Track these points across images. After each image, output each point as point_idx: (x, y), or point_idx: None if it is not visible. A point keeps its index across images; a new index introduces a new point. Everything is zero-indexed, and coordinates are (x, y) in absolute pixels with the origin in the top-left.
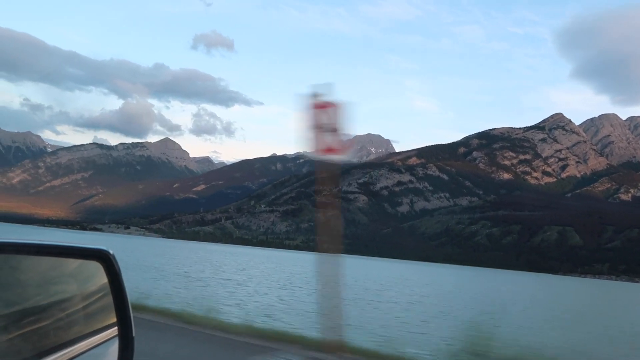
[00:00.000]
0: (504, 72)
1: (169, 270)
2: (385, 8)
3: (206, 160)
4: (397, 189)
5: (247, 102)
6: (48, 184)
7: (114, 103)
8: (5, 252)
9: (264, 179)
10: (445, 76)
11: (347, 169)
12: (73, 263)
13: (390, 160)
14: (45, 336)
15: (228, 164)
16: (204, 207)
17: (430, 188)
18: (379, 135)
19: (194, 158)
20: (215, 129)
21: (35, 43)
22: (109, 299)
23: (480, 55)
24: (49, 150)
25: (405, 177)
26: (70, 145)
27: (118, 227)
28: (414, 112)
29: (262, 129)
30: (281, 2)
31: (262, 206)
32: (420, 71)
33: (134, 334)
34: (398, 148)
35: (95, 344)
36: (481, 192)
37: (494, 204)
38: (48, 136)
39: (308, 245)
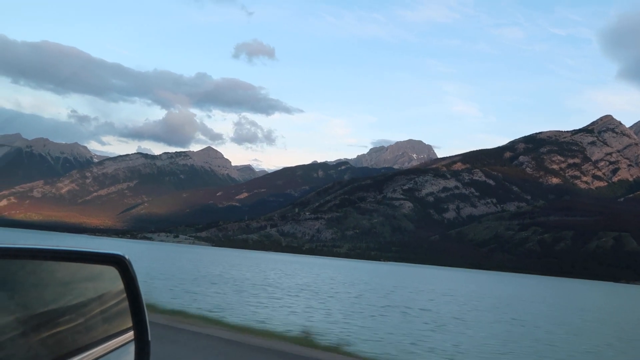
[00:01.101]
0: (546, 75)
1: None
2: (422, 12)
3: (247, 168)
4: (442, 195)
5: (287, 110)
6: (95, 194)
7: (157, 113)
8: (22, 258)
9: (305, 186)
10: (485, 80)
11: (390, 176)
12: (89, 268)
13: (434, 166)
14: (62, 341)
15: (269, 171)
16: (247, 215)
17: (477, 194)
18: (420, 141)
19: (236, 166)
20: (257, 137)
21: (82, 56)
22: (125, 304)
23: (521, 58)
24: (95, 160)
25: (451, 183)
26: (115, 156)
27: (167, 236)
28: (454, 117)
29: (302, 137)
30: (319, 9)
31: (307, 213)
32: (460, 75)
33: (149, 338)
34: (440, 153)
35: (112, 348)
36: (529, 198)
37: (544, 209)
38: (94, 147)
39: (356, 253)
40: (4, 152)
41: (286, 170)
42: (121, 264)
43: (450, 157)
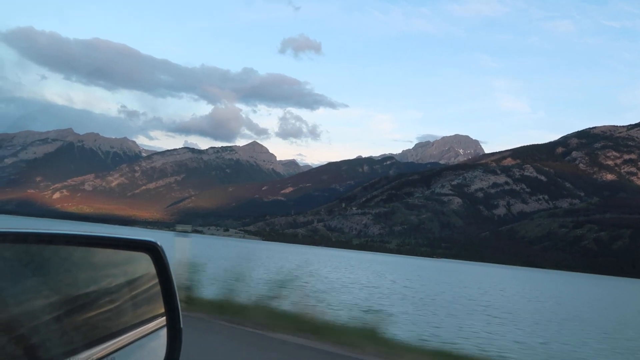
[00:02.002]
0: (599, 69)
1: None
2: (471, 6)
3: (292, 163)
4: (492, 190)
5: (332, 105)
6: (144, 187)
7: (203, 108)
8: (56, 243)
9: (351, 181)
10: (535, 74)
11: (438, 171)
12: (122, 255)
13: (483, 161)
14: (95, 326)
15: (313, 166)
16: (292, 209)
17: (528, 190)
18: (467, 136)
19: (280, 161)
20: (301, 132)
21: (131, 53)
22: (157, 290)
23: (573, 52)
24: (144, 155)
25: (501, 179)
26: (163, 150)
27: (217, 229)
28: (502, 112)
29: (346, 132)
30: (365, 4)
31: (354, 208)
32: (509, 70)
33: (181, 325)
34: (487, 149)
35: (144, 333)
36: (583, 194)
37: (599, 206)
38: (142, 141)
39: (406, 249)
40: (57, 146)
41: (331, 165)
42: (154, 251)
43: (499, 152)
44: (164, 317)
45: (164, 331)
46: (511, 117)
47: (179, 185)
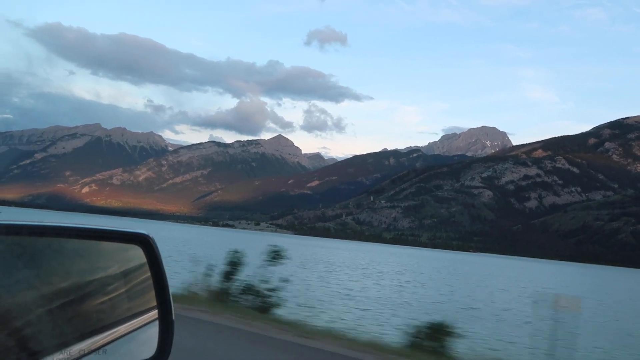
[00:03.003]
0: (631, 57)
1: None
2: None
3: (317, 156)
4: (523, 183)
5: (357, 97)
6: (171, 181)
7: (228, 102)
8: (47, 236)
9: (377, 174)
10: (564, 64)
11: (467, 163)
12: (114, 247)
13: (513, 153)
14: (87, 318)
15: (338, 159)
16: (319, 203)
17: (560, 182)
18: (494, 128)
19: (306, 154)
20: (326, 125)
21: (157, 47)
22: (149, 283)
23: (604, 40)
24: (170, 149)
25: (532, 171)
26: (189, 144)
27: (248, 224)
28: (530, 103)
29: (371, 124)
30: None
31: (382, 202)
32: (537, 60)
33: (173, 317)
34: (515, 140)
35: (136, 326)
36: (616, 186)
37: (635, 198)
38: (168, 136)
39: (438, 243)
40: (85, 141)
41: (357, 158)
42: (146, 243)
43: (530, 143)
44: (156, 310)
45: (156, 323)
46: (539, 107)
47: (205, 179)
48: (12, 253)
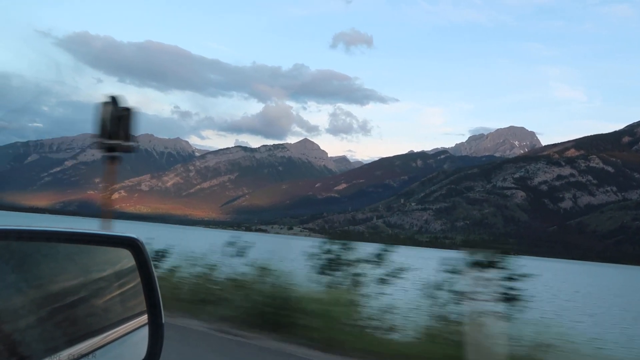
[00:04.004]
0: None
1: None
2: None
3: (343, 159)
4: (557, 183)
5: (382, 100)
6: (198, 187)
7: (254, 107)
8: (37, 240)
9: (404, 176)
10: (591, 62)
11: (498, 164)
12: (103, 251)
13: (545, 153)
14: (76, 323)
15: (364, 162)
16: (346, 206)
17: (595, 182)
18: (522, 128)
19: (332, 157)
20: (352, 127)
21: (183, 54)
22: (139, 287)
23: (631, 37)
24: (197, 154)
25: (566, 171)
26: (216, 149)
27: (281, 228)
28: (557, 102)
29: (396, 126)
30: None
31: (413, 204)
32: (563, 58)
33: (163, 321)
34: (544, 140)
35: (126, 331)
36: None
37: None
38: (194, 141)
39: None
40: None
41: (384, 161)
42: (135, 247)
43: (561, 143)
44: (146, 313)
45: (146, 327)
46: (566, 106)
47: (233, 183)
48: (0, 258)
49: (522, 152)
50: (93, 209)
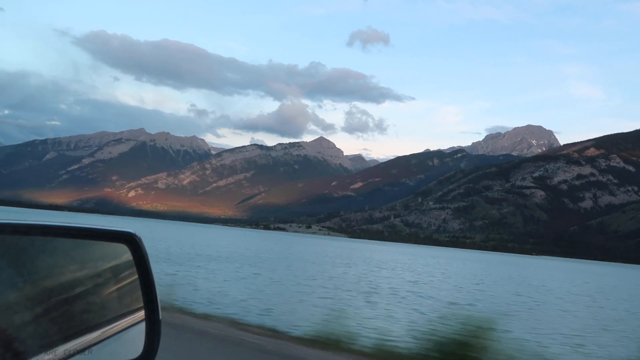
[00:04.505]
0: None
1: None
2: None
3: (359, 157)
4: (577, 182)
5: (398, 98)
6: (214, 184)
7: (269, 105)
8: (32, 234)
9: (421, 175)
10: (610, 59)
11: (517, 163)
12: (99, 246)
13: (564, 152)
14: (72, 319)
15: (380, 160)
16: (362, 205)
17: (616, 181)
18: (540, 127)
19: (347, 156)
20: (367, 126)
21: (199, 52)
22: (136, 282)
23: None
24: (213, 152)
25: (586, 170)
26: (232, 148)
27: (299, 227)
28: (575, 100)
29: (412, 124)
30: None
31: (430, 203)
32: (581, 56)
33: (160, 317)
34: (562, 139)
35: (123, 327)
36: None
37: None
38: (210, 139)
39: (501, 246)
40: (130, 146)
41: (400, 159)
42: (132, 242)
43: (580, 142)
44: (143, 309)
45: (143, 323)
46: (585, 105)
47: (249, 181)
48: None
49: (540, 151)
50: (110, 206)
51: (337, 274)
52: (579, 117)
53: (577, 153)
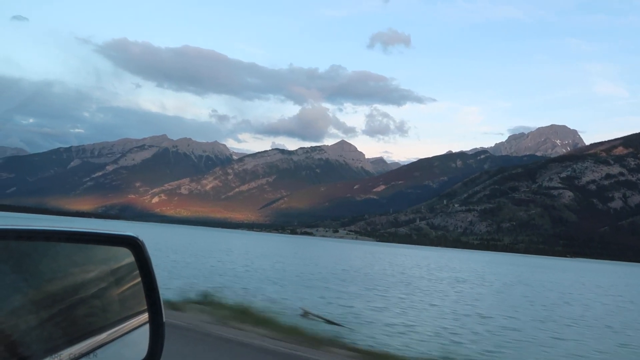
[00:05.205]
0: None
1: None
2: None
3: (380, 160)
4: (606, 182)
5: (419, 100)
6: (237, 189)
7: (290, 109)
8: (35, 240)
9: (444, 177)
10: (634, 56)
11: (543, 163)
12: (102, 250)
13: (592, 151)
14: (75, 323)
15: (401, 163)
16: (385, 208)
17: None
18: (564, 126)
19: (369, 159)
20: (389, 128)
21: (219, 58)
22: (139, 286)
23: None
24: (235, 157)
25: (614, 169)
26: (253, 152)
27: (326, 231)
28: (599, 99)
29: (433, 126)
30: None
31: (456, 205)
32: (604, 53)
33: (164, 320)
34: (586, 138)
35: (126, 330)
36: None
37: None
38: (231, 144)
39: (532, 248)
40: (153, 152)
41: (422, 162)
42: (135, 246)
43: (608, 141)
44: (146, 312)
45: (147, 326)
46: (608, 103)
47: (271, 186)
48: None
49: (564, 151)
50: (134, 212)
51: (502, 298)
52: (603, 116)
53: (604, 152)
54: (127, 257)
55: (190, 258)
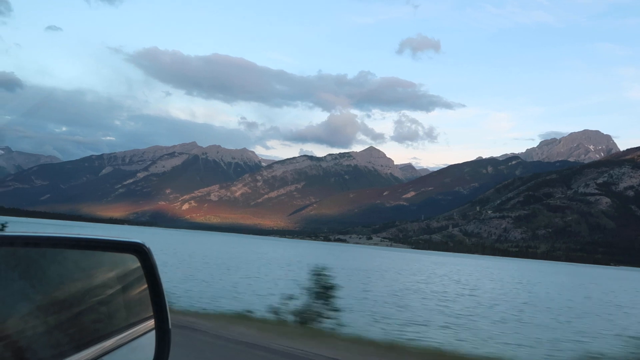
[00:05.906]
0: None
1: None
2: None
3: (409, 166)
4: None
5: (448, 106)
6: (266, 196)
7: (318, 116)
8: (43, 246)
9: (475, 183)
10: None
11: (578, 169)
12: (109, 256)
13: (629, 156)
14: (82, 329)
15: (430, 169)
16: (416, 214)
17: None
18: (597, 131)
19: (397, 165)
20: (417, 134)
21: (248, 66)
22: (145, 292)
23: None
24: (264, 164)
25: None
26: (282, 159)
27: (360, 238)
28: (632, 103)
29: (462, 132)
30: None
31: (489, 212)
32: (637, 57)
33: (170, 326)
34: (620, 144)
35: (133, 337)
36: None
37: None
38: (259, 151)
39: (559, 255)
40: (183, 159)
41: (452, 168)
42: (141, 252)
43: None
44: (153, 319)
45: (153, 332)
46: None
47: (300, 193)
48: (6, 264)
49: (598, 156)
50: (165, 219)
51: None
52: (637, 121)
53: None
54: (133, 263)
55: (279, 271)
